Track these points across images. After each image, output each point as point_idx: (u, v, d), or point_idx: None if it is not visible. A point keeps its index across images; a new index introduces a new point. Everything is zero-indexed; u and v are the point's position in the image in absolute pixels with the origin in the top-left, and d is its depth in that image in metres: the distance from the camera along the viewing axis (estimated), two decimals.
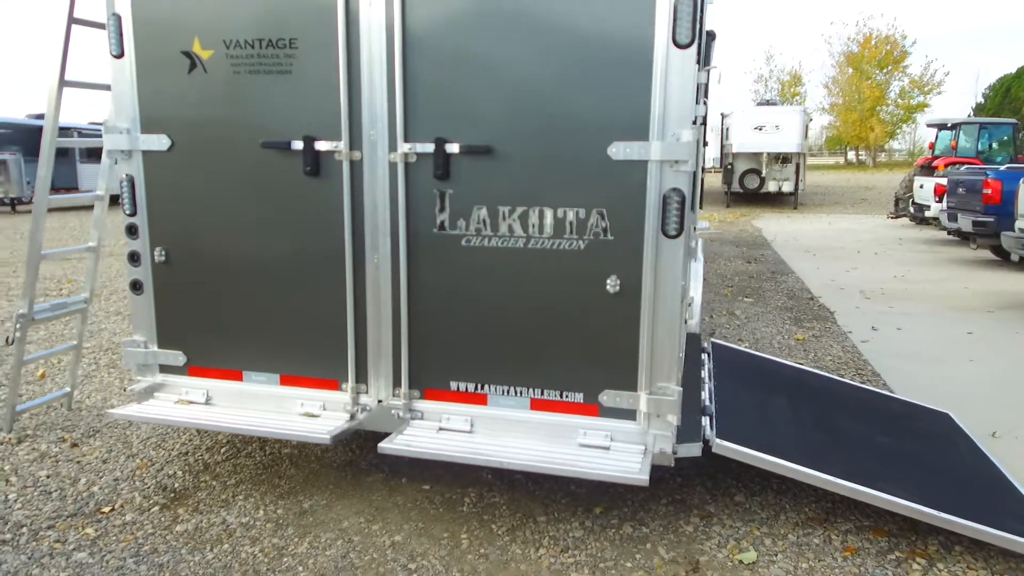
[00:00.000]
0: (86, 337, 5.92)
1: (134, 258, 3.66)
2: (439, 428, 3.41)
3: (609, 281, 3.14)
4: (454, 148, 3.18)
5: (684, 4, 2.86)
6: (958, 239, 13.26)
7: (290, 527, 3.33)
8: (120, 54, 3.50)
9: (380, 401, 3.50)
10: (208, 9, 3.36)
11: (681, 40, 2.89)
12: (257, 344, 3.59)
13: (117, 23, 3.47)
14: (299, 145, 3.33)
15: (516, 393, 3.34)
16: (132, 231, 3.64)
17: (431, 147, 3.20)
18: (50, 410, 4.72)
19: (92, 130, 21.43)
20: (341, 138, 3.28)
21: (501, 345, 3.31)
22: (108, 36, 3.50)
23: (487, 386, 3.37)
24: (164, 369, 3.75)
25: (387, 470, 3.87)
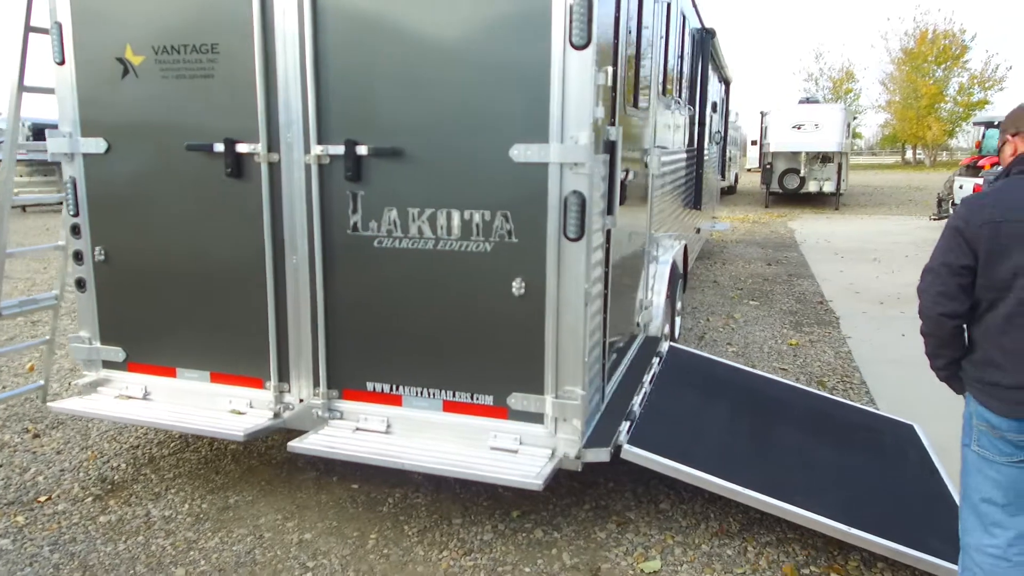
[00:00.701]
0: (64, 332, 6.21)
1: (78, 257, 3.79)
2: (356, 428, 3.44)
3: (515, 283, 3.12)
4: (363, 150, 3.20)
5: (579, 5, 2.82)
6: None
7: (208, 521, 3.40)
8: (62, 61, 3.63)
9: (302, 400, 3.54)
10: (139, 15, 3.46)
11: (577, 41, 2.85)
12: (189, 342, 3.68)
13: (59, 31, 3.60)
14: (220, 147, 3.40)
15: (429, 395, 3.34)
16: (75, 231, 3.77)
17: (342, 149, 3.23)
18: (26, 402, 4.93)
19: None
20: (259, 140, 3.34)
21: (414, 346, 3.32)
22: (51, 43, 3.63)
23: (402, 387, 3.38)
24: (107, 364, 3.87)
25: (322, 468, 3.91)
